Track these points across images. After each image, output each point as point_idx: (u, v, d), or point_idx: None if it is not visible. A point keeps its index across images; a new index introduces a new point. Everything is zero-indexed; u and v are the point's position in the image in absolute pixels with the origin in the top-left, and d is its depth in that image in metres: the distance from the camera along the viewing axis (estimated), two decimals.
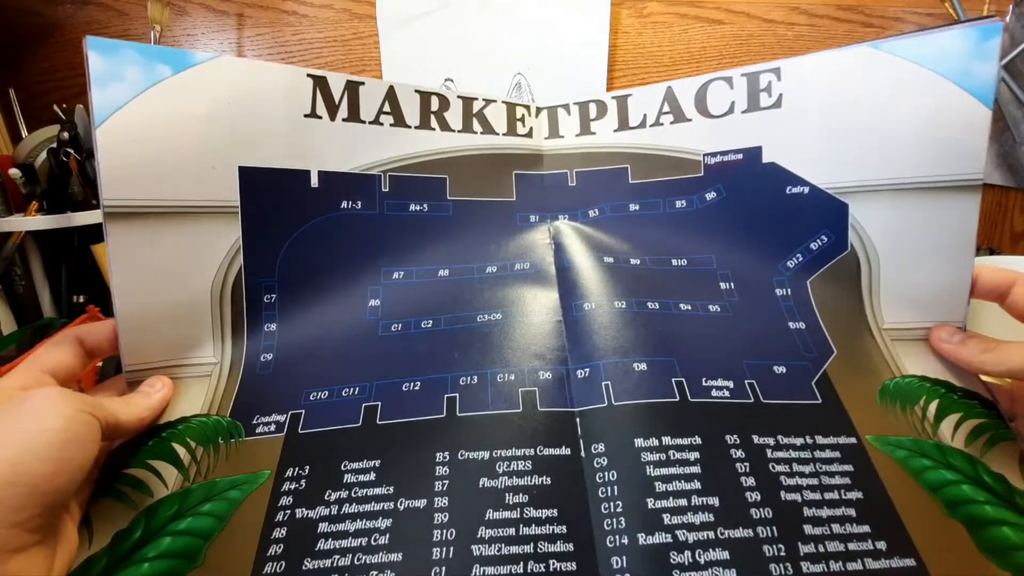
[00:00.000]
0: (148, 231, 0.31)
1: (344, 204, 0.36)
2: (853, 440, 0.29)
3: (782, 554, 0.25)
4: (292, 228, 0.35)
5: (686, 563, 0.25)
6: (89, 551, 0.25)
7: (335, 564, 0.25)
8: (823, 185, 0.35)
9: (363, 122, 0.37)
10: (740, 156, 0.37)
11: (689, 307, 0.34)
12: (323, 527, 0.26)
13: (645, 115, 0.40)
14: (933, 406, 0.31)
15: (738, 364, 0.32)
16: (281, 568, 0.25)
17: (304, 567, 0.25)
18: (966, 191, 0.31)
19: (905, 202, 0.33)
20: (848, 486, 0.28)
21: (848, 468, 0.28)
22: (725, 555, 0.25)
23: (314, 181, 0.35)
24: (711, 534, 0.25)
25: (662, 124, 0.39)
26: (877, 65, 0.33)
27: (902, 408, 0.31)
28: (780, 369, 0.32)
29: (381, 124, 0.38)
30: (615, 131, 0.40)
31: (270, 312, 0.33)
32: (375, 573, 0.25)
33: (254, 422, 0.30)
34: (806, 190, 0.35)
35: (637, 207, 0.39)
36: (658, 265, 0.37)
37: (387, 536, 0.26)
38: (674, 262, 0.37)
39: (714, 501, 0.26)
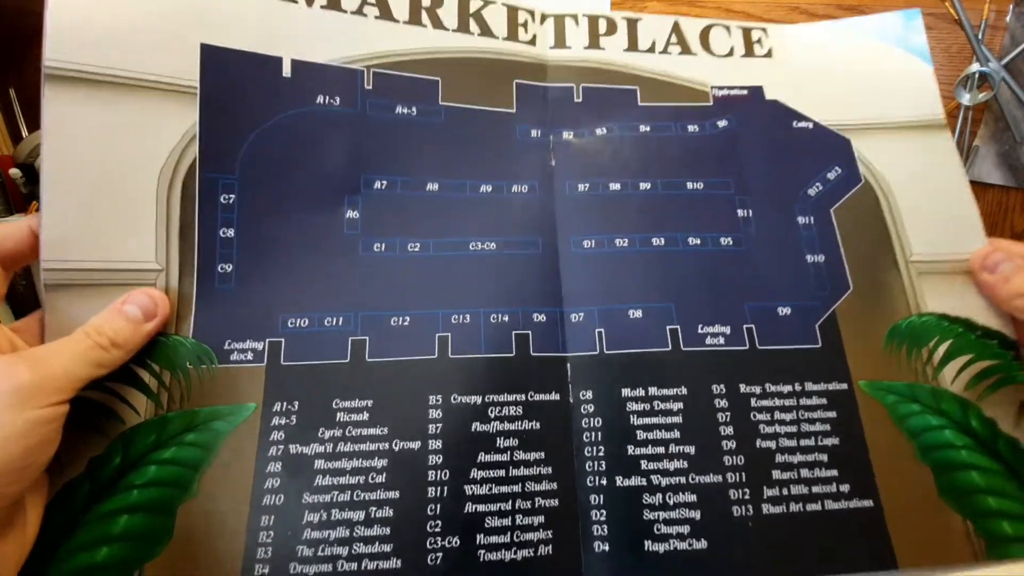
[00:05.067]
0: (92, 101, 0.28)
1: (320, 99, 0.33)
2: (844, 386, 0.32)
3: (746, 497, 0.29)
4: (258, 120, 0.31)
5: (656, 503, 0.28)
6: (64, 477, 0.25)
7: (335, 499, 0.27)
8: (823, 122, 0.38)
9: (344, 11, 0.34)
10: (745, 92, 0.39)
11: (698, 241, 0.34)
12: (319, 464, 0.27)
13: (654, 41, 0.39)
14: (943, 348, 0.32)
15: (739, 307, 0.33)
16: (280, 500, 0.26)
17: (304, 500, 0.27)
18: (938, 128, 0.37)
19: (896, 138, 0.37)
20: (826, 432, 0.31)
21: (831, 415, 0.31)
22: (693, 498, 0.29)
23: (286, 70, 0.32)
24: (683, 479, 0.29)
25: (670, 53, 0.39)
26: (841, 34, 0.40)
27: (908, 351, 0.32)
28: (785, 311, 0.33)
29: (365, 15, 0.34)
30: (625, 50, 0.39)
31: (228, 215, 0.30)
32: (374, 508, 0.27)
33: (227, 347, 0.29)
34: (810, 125, 0.38)
35: (648, 128, 0.37)
36: (671, 189, 0.36)
37: (384, 475, 0.27)
38: (689, 185, 0.36)
39: (690, 449, 0.30)
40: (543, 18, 0.39)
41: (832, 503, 0.29)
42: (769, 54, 0.40)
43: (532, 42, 0.38)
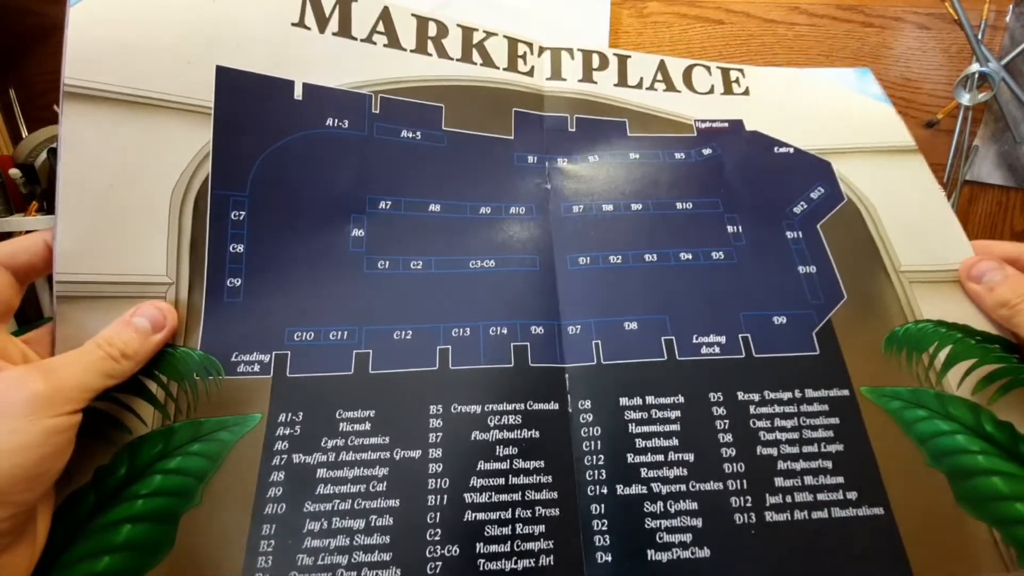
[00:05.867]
0: (109, 118, 0.29)
1: (329, 122, 0.34)
2: (845, 392, 0.32)
3: (748, 505, 0.29)
4: (269, 140, 0.33)
5: (657, 512, 0.28)
6: (70, 487, 0.26)
7: (336, 507, 0.27)
8: (803, 148, 0.40)
9: (354, 39, 0.36)
10: (726, 124, 0.41)
11: (690, 256, 0.35)
12: (322, 472, 0.28)
13: (642, 78, 0.42)
14: (944, 353, 0.32)
15: (734, 317, 0.33)
16: (282, 509, 0.27)
17: (305, 509, 0.27)
18: (911, 152, 0.40)
19: (872, 160, 0.39)
20: (830, 439, 0.30)
21: (833, 421, 0.31)
22: (694, 506, 0.28)
23: (298, 93, 0.34)
24: (683, 487, 0.29)
25: (656, 89, 0.42)
26: (809, 79, 0.44)
27: (908, 356, 0.32)
28: (780, 320, 0.34)
29: (374, 43, 0.36)
30: (615, 85, 0.41)
31: (237, 231, 0.31)
32: (375, 517, 0.27)
33: (233, 359, 0.29)
34: (791, 150, 0.40)
35: (637, 156, 0.39)
36: (661, 210, 0.37)
37: (384, 483, 0.28)
38: (679, 206, 0.37)
39: (689, 457, 0.30)
40: (540, 51, 0.41)
41: (839, 511, 0.29)
42: (747, 92, 0.43)
43: (530, 73, 0.40)
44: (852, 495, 0.29)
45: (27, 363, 0.26)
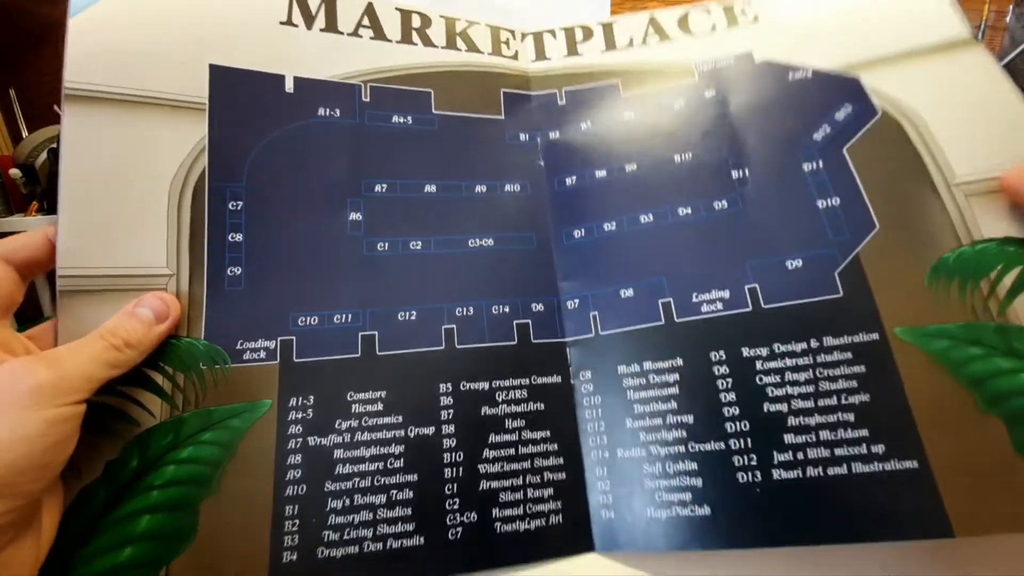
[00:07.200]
0: (108, 117, 0.30)
1: (321, 112, 0.35)
2: (875, 336, 0.29)
3: (752, 463, 0.28)
4: (263, 132, 0.33)
5: (656, 472, 0.30)
6: (81, 482, 0.26)
7: (356, 485, 0.28)
8: (824, 69, 0.36)
9: (341, 33, 0.37)
10: (732, 61, 0.38)
11: (689, 210, 0.34)
12: (339, 453, 0.29)
13: (632, 38, 0.40)
14: (1010, 277, 0.28)
15: (740, 268, 0.32)
16: (303, 490, 0.27)
17: (326, 488, 0.28)
18: (963, 46, 0.34)
19: (916, 63, 0.34)
20: (852, 390, 0.28)
21: (858, 370, 0.29)
22: (693, 466, 0.29)
23: (289, 86, 0.34)
24: (682, 448, 0.30)
25: (649, 44, 0.40)
26: None
27: (960, 287, 0.29)
28: (795, 263, 0.31)
29: (360, 36, 0.37)
30: (603, 52, 0.40)
31: (236, 220, 0.31)
32: (395, 491, 0.28)
33: (238, 347, 0.29)
34: (809, 73, 0.36)
35: (632, 115, 0.38)
36: (658, 166, 0.36)
37: (401, 460, 0.29)
38: (677, 158, 0.36)
39: (688, 419, 0.30)
40: (523, 36, 0.42)
41: (862, 466, 0.27)
42: (755, 20, 0.39)
43: (515, 57, 0.41)
44: (878, 448, 0.27)
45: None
